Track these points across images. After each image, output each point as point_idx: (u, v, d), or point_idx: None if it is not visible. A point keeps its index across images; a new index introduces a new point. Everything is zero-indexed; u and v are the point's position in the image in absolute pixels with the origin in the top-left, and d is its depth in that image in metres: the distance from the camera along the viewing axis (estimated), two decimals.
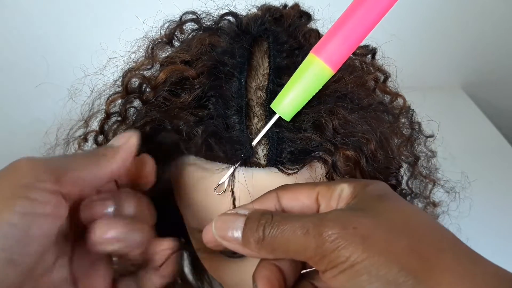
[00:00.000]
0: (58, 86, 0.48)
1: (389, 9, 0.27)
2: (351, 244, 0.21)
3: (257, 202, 0.27)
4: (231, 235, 0.25)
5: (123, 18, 0.63)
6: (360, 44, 0.29)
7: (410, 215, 0.23)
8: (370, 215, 0.22)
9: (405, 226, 0.22)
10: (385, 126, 0.35)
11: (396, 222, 0.22)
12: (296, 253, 0.23)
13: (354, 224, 0.21)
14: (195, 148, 0.30)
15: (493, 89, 1.22)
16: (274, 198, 0.27)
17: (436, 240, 0.22)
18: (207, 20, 0.39)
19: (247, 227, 0.24)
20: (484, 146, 0.97)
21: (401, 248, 0.21)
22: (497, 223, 0.76)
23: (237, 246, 0.25)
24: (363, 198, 0.24)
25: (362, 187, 0.25)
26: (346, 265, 0.21)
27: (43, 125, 0.43)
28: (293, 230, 0.22)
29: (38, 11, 0.93)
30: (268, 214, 0.24)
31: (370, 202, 0.24)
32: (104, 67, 0.40)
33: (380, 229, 0.21)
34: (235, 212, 0.26)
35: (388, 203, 0.24)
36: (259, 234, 0.24)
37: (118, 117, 0.37)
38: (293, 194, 0.27)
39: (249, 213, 0.25)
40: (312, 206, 0.26)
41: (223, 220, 0.26)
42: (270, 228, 0.23)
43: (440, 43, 1.12)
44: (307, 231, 0.22)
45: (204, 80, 0.32)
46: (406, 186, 0.45)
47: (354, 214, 0.23)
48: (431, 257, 0.20)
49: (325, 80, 0.29)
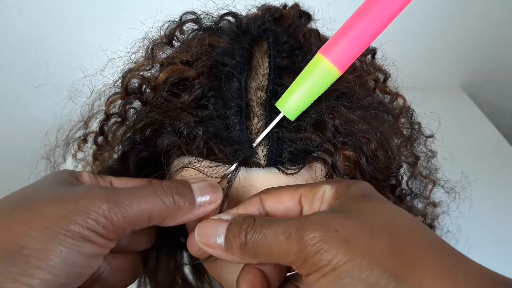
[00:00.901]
0: (58, 87, 0.48)
1: (400, 12, 0.27)
2: (333, 247, 0.20)
3: (241, 207, 0.27)
4: (214, 241, 0.25)
5: (123, 19, 0.63)
6: (368, 46, 0.29)
7: (393, 215, 0.23)
8: (352, 216, 0.22)
9: (387, 227, 0.22)
10: (385, 126, 0.35)
11: (378, 223, 0.22)
12: (279, 258, 0.23)
13: (336, 226, 0.21)
14: (196, 149, 0.30)
15: (493, 89, 1.22)
16: (257, 202, 0.27)
17: (418, 240, 0.21)
18: (207, 20, 0.39)
19: (229, 232, 0.24)
20: (484, 146, 0.97)
21: (383, 250, 0.20)
22: (497, 223, 0.76)
23: (220, 253, 0.25)
24: (346, 199, 0.24)
25: (344, 188, 0.25)
26: (328, 268, 0.20)
27: (43, 125, 0.43)
28: (275, 234, 0.22)
29: (38, 11, 0.93)
30: (250, 218, 0.24)
31: (353, 203, 0.24)
32: (104, 67, 0.40)
33: (362, 231, 0.21)
34: (218, 218, 0.26)
35: (370, 204, 0.24)
36: (241, 239, 0.23)
37: (118, 118, 0.37)
38: (276, 197, 0.26)
39: (231, 218, 0.25)
40: (295, 209, 0.26)
41: (205, 227, 0.25)
42: (252, 233, 0.23)
43: (440, 43, 1.12)
44: (289, 235, 0.22)
45: (204, 80, 0.32)
46: (406, 186, 0.45)
47: (336, 216, 0.22)
48: (412, 258, 0.20)
49: (332, 81, 0.29)
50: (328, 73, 0.29)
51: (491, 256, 0.43)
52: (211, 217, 0.26)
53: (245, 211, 0.26)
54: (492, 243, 0.71)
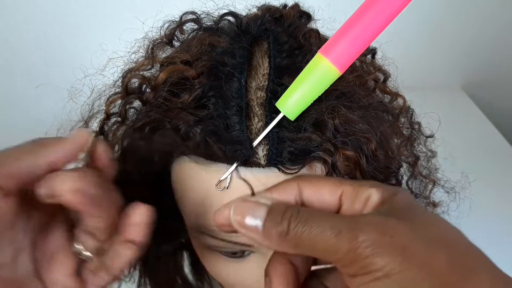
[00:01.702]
0: (58, 86, 0.48)
1: (400, 13, 0.26)
2: (388, 253, 0.20)
3: (275, 190, 0.26)
4: (250, 223, 0.24)
5: (123, 19, 0.63)
6: (368, 46, 0.29)
7: (445, 229, 0.22)
8: (406, 225, 0.21)
9: (443, 240, 0.21)
10: (385, 125, 0.35)
11: (433, 235, 0.21)
12: (324, 253, 0.22)
13: (391, 231, 0.21)
14: (194, 147, 0.30)
15: (493, 89, 1.22)
16: (295, 189, 0.26)
17: (475, 259, 0.21)
18: (207, 20, 0.39)
19: (269, 218, 0.23)
20: (484, 146, 0.97)
21: (442, 263, 0.20)
22: (497, 223, 0.76)
23: (255, 235, 0.24)
24: (394, 207, 0.23)
25: (390, 194, 0.24)
26: (380, 273, 0.20)
27: (43, 125, 0.43)
28: (323, 229, 0.21)
29: (38, 11, 0.93)
30: (294, 207, 0.23)
31: (402, 211, 0.23)
32: (104, 67, 0.40)
33: (419, 241, 0.20)
34: (256, 201, 0.25)
35: (421, 215, 0.23)
36: (283, 228, 0.22)
37: (118, 118, 0.37)
38: (316, 187, 0.25)
39: (272, 204, 0.24)
40: (334, 204, 0.25)
41: (243, 206, 0.24)
42: (296, 223, 0.22)
43: (440, 43, 1.12)
44: (340, 232, 0.21)
45: (204, 80, 0.32)
46: (406, 186, 0.45)
47: (391, 221, 0.22)
48: (470, 276, 0.20)
49: (332, 81, 0.29)
50: (328, 73, 0.29)
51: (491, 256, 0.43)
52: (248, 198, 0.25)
53: (280, 197, 0.26)
54: (492, 243, 0.71)
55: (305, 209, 0.23)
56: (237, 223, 0.24)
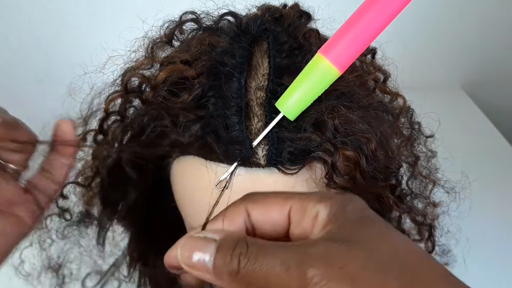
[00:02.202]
0: (57, 85, 0.47)
1: (399, 12, 0.26)
2: (337, 286, 0.19)
3: (226, 219, 0.25)
4: (200, 263, 0.23)
5: (123, 18, 0.63)
6: (368, 46, 0.28)
7: (397, 244, 0.22)
8: (356, 248, 0.21)
9: (394, 260, 0.21)
10: (385, 125, 0.35)
11: (384, 255, 0.21)
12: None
13: (340, 262, 0.20)
14: (193, 147, 0.30)
15: (493, 89, 1.22)
16: (243, 213, 0.25)
17: (427, 274, 0.21)
18: (207, 20, 0.39)
19: (218, 256, 0.22)
20: (484, 146, 0.97)
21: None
22: (497, 223, 0.76)
23: (206, 276, 0.23)
24: (344, 224, 0.23)
25: (339, 208, 0.23)
26: None
27: (42, 123, 0.43)
28: (272, 265, 0.21)
29: (38, 11, 0.93)
30: (243, 242, 0.22)
31: (353, 229, 0.22)
32: (104, 65, 0.40)
33: (368, 268, 0.20)
34: (204, 236, 0.23)
35: (372, 229, 0.23)
36: (233, 267, 0.21)
37: (118, 116, 0.37)
38: (263, 208, 0.25)
39: (220, 240, 0.23)
40: (283, 224, 0.24)
41: (190, 245, 0.23)
42: (246, 261, 0.21)
43: (440, 43, 1.12)
44: (288, 268, 0.20)
45: (204, 80, 0.32)
46: (406, 186, 0.45)
47: (339, 248, 0.21)
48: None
49: (332, 81, 0.29)
50: (328, 73, 0.29)
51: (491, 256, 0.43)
52: (194, 233, 0.24)
53: (231, 226, 0.25)
54: (492, 243, 0.71)
55: (254, 243, 0.22)
56: (186, 264, 0.23)
